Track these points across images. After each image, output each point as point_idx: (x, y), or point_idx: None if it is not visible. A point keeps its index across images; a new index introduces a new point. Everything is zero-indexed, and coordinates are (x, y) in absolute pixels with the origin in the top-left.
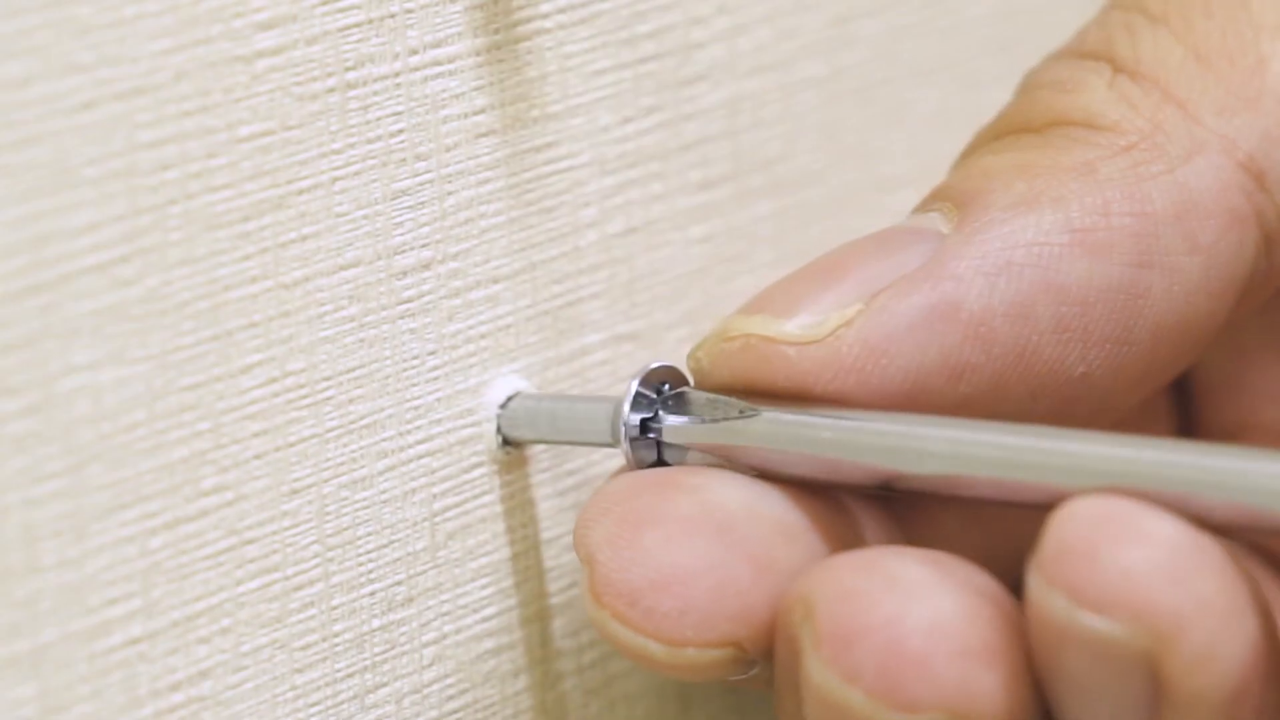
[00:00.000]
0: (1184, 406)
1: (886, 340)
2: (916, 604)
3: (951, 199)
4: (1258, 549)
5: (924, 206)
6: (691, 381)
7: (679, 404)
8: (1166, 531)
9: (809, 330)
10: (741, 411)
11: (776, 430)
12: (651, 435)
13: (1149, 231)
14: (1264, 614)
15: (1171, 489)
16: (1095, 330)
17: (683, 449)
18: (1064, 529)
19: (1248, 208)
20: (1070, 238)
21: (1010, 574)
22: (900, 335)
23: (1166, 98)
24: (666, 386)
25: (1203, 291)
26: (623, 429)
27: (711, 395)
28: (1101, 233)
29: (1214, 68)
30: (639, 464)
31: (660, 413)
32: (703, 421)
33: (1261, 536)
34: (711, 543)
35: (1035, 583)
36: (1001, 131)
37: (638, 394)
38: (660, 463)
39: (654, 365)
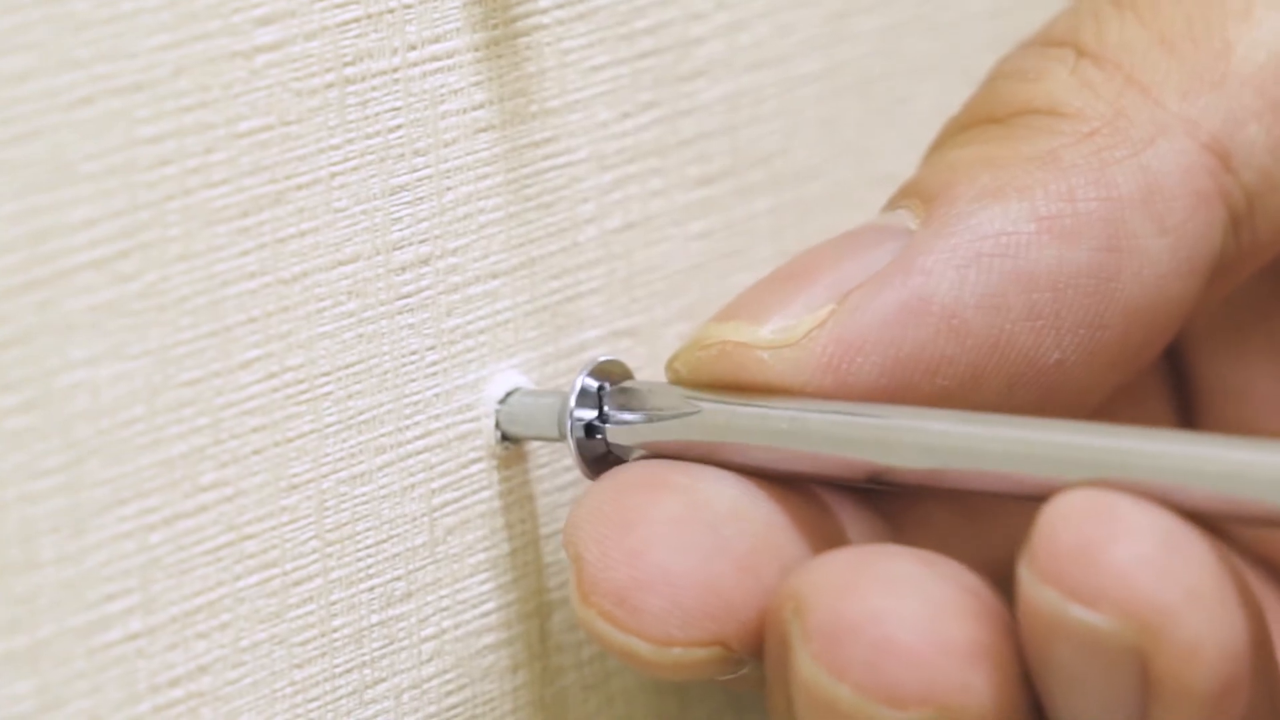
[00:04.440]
0: (1186, 414)
1: (860, 338)
2: (906, 600)
3: (918, 195)
4: (1248, 551)
5: (891, 204)
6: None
7: (624, 399)
8: (1155, 524)
9: (783, 334)
10: (685, 407)
11: (721, 424)
12: (599, 437)
13: (1116, 216)
14: (1252, 610)
15: (1155, 478)
16: (1068, 316)
17: (629, 447)
18: (1053, 523)
19: (1213, 189)
20: (1037, 226)
21: (1001, 571)
22: (873, 332)
23: (1129, 82)
24: (607, 384)
25: (1172, 274)
26: (569, 424)
27: (656, 387)
28: (1068, 219)
29: (1178, 51)
30: (586, 458)
31: (606, 410)
32: (646, 420)
33: (1248, 526)
34: (698, 542)
35: (1026, 577)
36: (967, 123)
37: (583, 390)
38: (609, 456)
39: (602, 359)
